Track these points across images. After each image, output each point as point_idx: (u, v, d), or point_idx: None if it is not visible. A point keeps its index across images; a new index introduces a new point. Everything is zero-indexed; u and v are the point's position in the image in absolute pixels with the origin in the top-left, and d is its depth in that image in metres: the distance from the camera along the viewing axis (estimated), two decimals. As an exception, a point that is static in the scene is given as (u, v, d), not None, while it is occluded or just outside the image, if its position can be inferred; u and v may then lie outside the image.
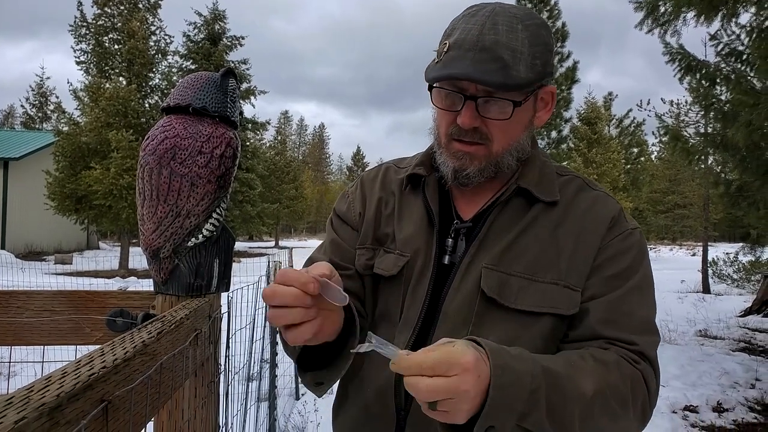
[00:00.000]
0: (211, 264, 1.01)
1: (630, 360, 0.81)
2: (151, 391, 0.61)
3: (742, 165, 6.15)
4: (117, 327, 0.97)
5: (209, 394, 0.98)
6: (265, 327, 4.10)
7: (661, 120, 7.66)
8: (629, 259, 0.89)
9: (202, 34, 21.72)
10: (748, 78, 5.71)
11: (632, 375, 0.80)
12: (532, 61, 0.85)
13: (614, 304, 0.86)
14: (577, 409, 0.72)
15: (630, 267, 0.88)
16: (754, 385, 5.17)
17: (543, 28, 0.89)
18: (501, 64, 0.83)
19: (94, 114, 16.66)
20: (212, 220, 0.99)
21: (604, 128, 26.03)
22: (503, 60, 0.83)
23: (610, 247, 0.89)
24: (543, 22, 0.91)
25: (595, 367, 0.77)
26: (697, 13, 5.92)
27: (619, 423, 0.77)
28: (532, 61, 0.85)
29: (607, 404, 0.75)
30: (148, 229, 0.97)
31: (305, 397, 4.65)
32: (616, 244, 0.89)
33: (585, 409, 0.72)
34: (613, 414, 0.76)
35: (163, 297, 0.99)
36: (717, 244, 29.81)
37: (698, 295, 12.62)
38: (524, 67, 0.84)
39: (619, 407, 0.76)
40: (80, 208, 17.12)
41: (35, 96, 39.13)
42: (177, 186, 0.94)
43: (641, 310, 0.87)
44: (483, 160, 0.89)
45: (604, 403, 0.75)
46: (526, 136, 0.93)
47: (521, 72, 0.84)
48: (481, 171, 0.90)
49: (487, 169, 0.90)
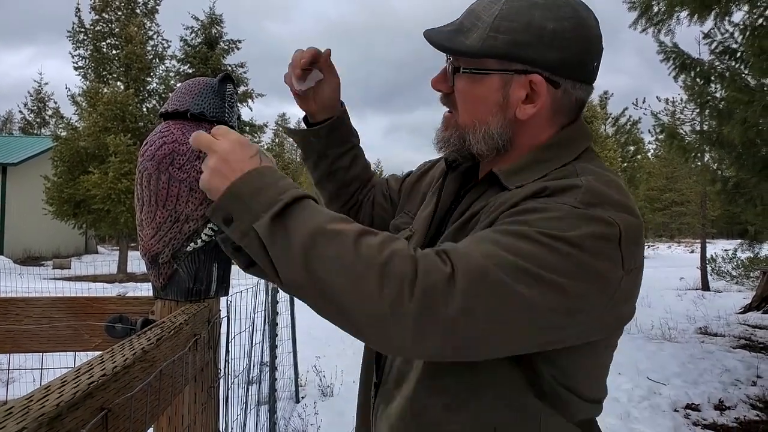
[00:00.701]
0: (210, 269, 1.01)
1: (415, 249, 0.70)
2: (151, 397, 0.61)
3: (739, 162, 6.16)
4: (116, 333, 0.97)
5: (209, 399, 0.98)
6: (265, 330, 4.10)
7: (657, 118, 7.67)
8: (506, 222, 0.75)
9: (199, 39, 21.68)
10: (742, 75, 5.73)
11: (399, 249, 0.67)
12: (490, 32, 0.79)
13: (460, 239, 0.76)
14: (306, 233, 0.68)
15: (497, 228, 0.74)
16: (756, 382, 5.17)
17: (539, 8, 0.79)
18: (455, 28, 0.84)
19: (92, 119, 16.64)
20: (211, 225, 0.99)
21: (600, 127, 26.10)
22: (462, 25, 0.83)
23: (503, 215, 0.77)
24: (550, 3, 0.79)
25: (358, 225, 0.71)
26: (690, 12, 5.94)
27: (354, 279, 0.66)
28: (489, 32, 0.79)
29: (344, 247, 0.67)
30: (147, 234, 0.97)
31: (305, 400, 4.65)
32: (508, 212, 0.76)
33: (315, 237, 0.68)
34: (345, 262, 0.66)
35: (163, 302, 0.99)
36: (715, 240, 29.86)
37: (697, 292, 12.64)
38: (476, 36, 0.81)
39: (358, 259, 0.66)
40: (78, 213, 17.10)
41: (33, 101, 39.03)
42: (176, 191, 0.94)
43: (479, 249, 0.69)
44: (451, 129, 0.90)
45: (342, 243, 0.67)
46: (499, 125, 0.84)
47: (469, 39, 0.81)
48: (447, 140, 0.91)
49: (453, 139, 0.90)
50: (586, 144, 0.87)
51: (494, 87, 0.83)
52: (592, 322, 0.73)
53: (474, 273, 0.65)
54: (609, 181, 0.77)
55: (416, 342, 0.65)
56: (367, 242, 0.68)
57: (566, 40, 0.78)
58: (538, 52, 0.79)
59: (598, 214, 0.71)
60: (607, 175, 0.79)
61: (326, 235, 0.68)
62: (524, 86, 0.81)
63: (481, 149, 0.86)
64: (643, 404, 4.60)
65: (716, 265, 14.07)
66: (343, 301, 0.66)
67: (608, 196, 0.74)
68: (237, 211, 0.73)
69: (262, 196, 0.72)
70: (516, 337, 0.68)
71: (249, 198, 0.72)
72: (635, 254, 0.73)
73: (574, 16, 0.79)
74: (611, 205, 0.73)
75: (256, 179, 0.74)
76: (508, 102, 0.83)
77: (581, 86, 0.84)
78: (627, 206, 0.74)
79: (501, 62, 0.81)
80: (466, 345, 0.66)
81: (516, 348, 0.71)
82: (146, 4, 19.15)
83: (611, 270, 0.70)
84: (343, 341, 6.73)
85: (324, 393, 4.77)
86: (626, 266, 0.71)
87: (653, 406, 4.57)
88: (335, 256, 0.67)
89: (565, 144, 0.85)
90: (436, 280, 0.64)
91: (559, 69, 0.80)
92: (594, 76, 0.86)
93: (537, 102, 0.82)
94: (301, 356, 5.35)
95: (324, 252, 0.67)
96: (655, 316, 8.77)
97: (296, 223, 0.70)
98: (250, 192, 0.73)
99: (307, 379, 5.14)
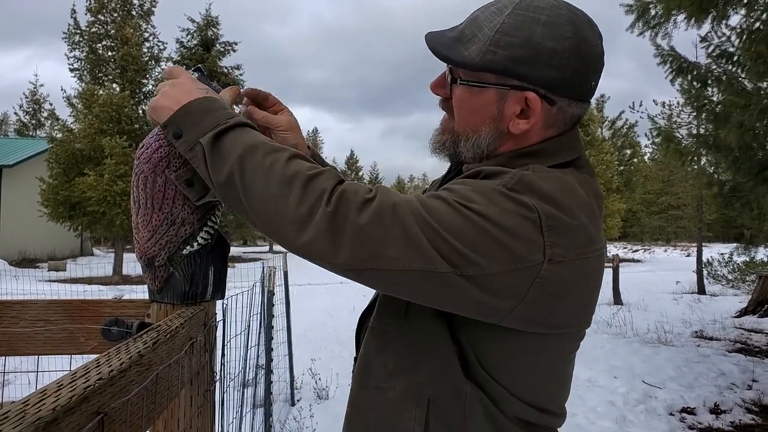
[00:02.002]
0: (206, 272, 1.00)
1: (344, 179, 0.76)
2: (147, 401, 0.61)
3: (735, 166, 6.19)
4: (112, 336, 0.97)
5: (204, 402, 0.98)
6: (260, 333, 4.09)
7: (654, 121, 7.69)
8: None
9: (195, 41, 21.70)
10: (739, 79, 5.75)
11: (329, 170, 0.75)
12: (490, 46, 0.79)
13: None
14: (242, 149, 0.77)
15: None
16: (751, 386, 5.19)
17: (541, 25, 0.78)
18: (456, 36, 0.84)
19: (88, 120, 16.64)
20: (207, 228, 0.99)
21: (596, 130, 26.18)
22: (463, 34, 0.83)
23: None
24: (552, 21, 0.78)
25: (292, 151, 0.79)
26: (688, 16, 5.96)
27: (280, 185, 0.73)
28: (489, 46, 0.79)
29: (278, 161, 0.75)
30: (143, 237, 0.97)
31: (301, 403, 4.64)
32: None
33: (255, 147, 0.77)
34: (275, 170, 0.74)
35: (158, 305, 0.98)
36: (711, 244, 29.98)
37: (693, 296, 12.67)
38: (475, 49, 0.81)
39: (287, 169, 0.74)
40: (74, 215, 17.07)
41: (29, 103, 39.02)
42: (172, 194, 0.94)
43: (404, 196, 0.76)
44: (447, 133, 0.92)
45: (277, 158, 0.75)
46: (490, 136, 0.85)
47: (468, 51, 0.81)
48: (442, 144, 0.92)
49: (447, 143, 0.91)
50: (568, 157, 0.85)
51: (490, 100, 0.83)
52: (494, 300, 0.72)
53: (388, 204, 0.71)
54: (551, 178, 0.77)
55: (330, 246, 0.71)
56: (299, 161, 0.76)
57: (565, 60, 0.78)
58: (535, 69, 0.78)
59: (517, 196, 0.73)
60: (561, 178, 0.78)
61: (264, 148, 0.77)
62: (519, 102, 0.82)
63: (467, 156, 0.89)
64: (639, 408, 4.61)
65: (712, 269, 14.14)
66: (268, 206, 0.74)
67: (536, 186, 0.74)
68: (187, 126, 0.82)
69: (211, 116, 0.82)
70: (410, 275, 0.71)
71: (199, 116, 0.82)
72: (565, 249, 0.72)
73: (574, 36, 0.78)
74: (536, 194, 0.73)
75: (208, 103, 0.84)
76: (502, 115, 0.83)
77: (577, 104, 0.84)
78: (556, 201, 0.73)
79: (498, 77, 0.81)
80: (372, 256, 0.70)
81: (410, 286, 0.73)
82: (142, 6, 19.15)
83: (524, 249, 0.70)
84: (338, 344, 6.72)
85: (319, 396, 4.77)
86: (549, 254, 0.71)
87: (649, 409, 4.58)
88: (269, 165, 0.75)
89: (540, 154, 0.84)
90: (355, 196, 0.72)
91: (556, 87, 0.80)
92: (591, 94, 0.86)
93: (531, 118, 0.82)
94: (297, 359, 5.35)
95: (258, 160, 0.75)
96: (651, 319, 8.80)
97: (238, 137, 0.79)
98: (201, 111, 0.83)
99: (303, 381, 5.13)
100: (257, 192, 0.75)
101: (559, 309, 0.76)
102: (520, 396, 0.82)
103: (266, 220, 0.75)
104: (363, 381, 0.91)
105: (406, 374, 0.84)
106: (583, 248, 0.75)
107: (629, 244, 41.34)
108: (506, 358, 0.81)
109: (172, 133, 0.83)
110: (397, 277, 0.71)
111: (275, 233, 0.75)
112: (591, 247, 0.76)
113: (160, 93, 0.87)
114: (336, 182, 0.74)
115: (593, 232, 0.77)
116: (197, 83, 0.91)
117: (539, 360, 0.83)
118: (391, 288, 0.75)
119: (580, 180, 0.81)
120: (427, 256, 0.69)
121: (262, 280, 4.26)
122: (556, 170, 0.80)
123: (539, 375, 0.83)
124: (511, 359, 0.81)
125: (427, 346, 0.83)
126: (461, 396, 0.80)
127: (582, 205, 0.77)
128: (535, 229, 0.71)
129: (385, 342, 0.88)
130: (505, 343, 0.79)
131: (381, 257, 0.70)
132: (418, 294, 0.74)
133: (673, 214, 30.56)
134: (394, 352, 0.87)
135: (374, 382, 0.88)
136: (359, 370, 0.92)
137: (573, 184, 0.78)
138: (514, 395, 0.81)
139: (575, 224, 0.74)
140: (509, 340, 0.79)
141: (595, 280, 0.81)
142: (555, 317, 0.77)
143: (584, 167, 0.87)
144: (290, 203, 0.72)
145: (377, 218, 0.70)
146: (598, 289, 0.84)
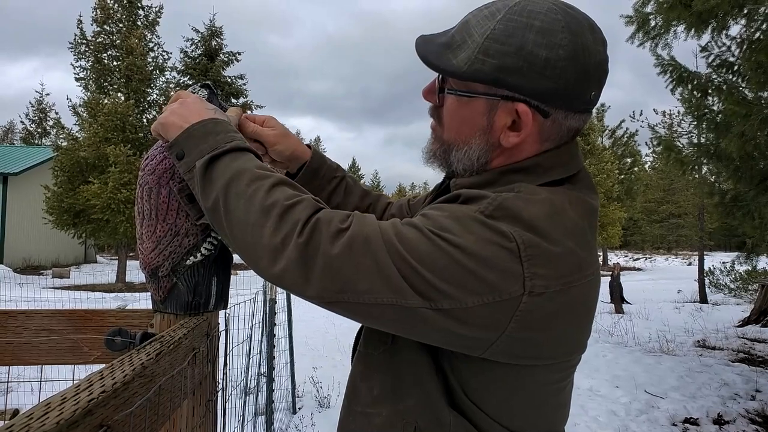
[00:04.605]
0: (210, 282, 1.01)
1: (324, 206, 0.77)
2: (150, 413, 0.62)
3: (736, 175, 6.18)
4: (115, 346, 0.97)
5: (207, 412, 0.98)
6: (262, 341, 4.09)
7: (654, 131, 7.69)
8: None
9: (199, 50, 21.83)
10: (739, 89, 5.76)
11: (309, 199, 0.76)
12: (479, 54, 0.75)
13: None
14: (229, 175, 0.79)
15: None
16: (755, 396, 5.15)
17: (534, 32, 0.73)
18: (446, 42, 0.80)
19: (93, 129, 16.73)
20: (210, 239, 1.00)
21: (597, 139, 26.19)
22: (453, 39, 0.79)
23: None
24: (547, 27, 0.73)
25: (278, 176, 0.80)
26: (687, 26, 5.99)
27: (259, 214, 0.74)
28: (477, 54, 0.75)
29: (260, 189, 0.76)
30: (147, 248, 0.98)
31: (302, 411, 4.62)
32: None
33: (240, 174, 0.78)
34: (256, 199, 0.75)
35: (162, 315, 0.99)
36: (713, 253, 29.85)
37: (695, 305, 12.63)
38: (464, 56, 0.76)
39: (267, 198, 0.75)
40: (78, 222, 17.14)
41: (35, 112, 39.16)
42: (176, 205, 0.95)
43: (381, 223, 0.73)
44: (436, 141, 0.88)
45: (260, 186, 0.76)
46: (481, 148, 0.81)
47: (457, 59, 0.77)
48: (434, 153, 0.88)
49: (438, 153, 0.87)
50: (563, 174, 0.80)
51: (479, 110, 0.79)
52: (473, 334, 0.69)
53: (361, 235, 0.70)
54: (537, 201, 0.72)
55: (302, 278, 0.70)
56: (282, 189, 0.77)
57: (559, 70, 0.72)
58: (527, 80, 0.73)
59: (494, 224, 0.68)
60: (548, 201, 0.73)
61: (249, 176, 0.78)
62: (510, 113, 0.77)
63: (458, 168, 0.84)
64: (641, 418, 4.58)
65: (714, 278, 14.07)
66: (246, 234, 0.74)
67: (516, 211, 0.70)
68: (188, 149, 0.84)
69: (211, 139, 0.83)
70: (381, 308, 0.69)
71: (200, 139, 0.84)
72: (548, 279, 0.67)
73: (571, 43, 0.73)
74: (516, 220, 0.69)
75: (211, 125, 0.86)
76: (492, 127, 0.79)
77: (575, 116, 0.78)
78: (538, 228, 0.69)
79: (487, 87, 0.76)
80: (343, 289, 0.69)
81: (384, 319, 0.70)
82: (147, 17, 19.29)
83: (500, 280, 0.66)
84: (340, 352, 6.70)
85: (321, 404, 4.76)
86: (529, 286, 0.66)
87: (651, 419, 4.55)
88: (251, 193, 0.76)
89: (532, 170, 0.79)
90: (328, 226, 0.71)
91: (550, 99, 0.75)
92: (592, 105, 0.79)
93: (522, 131, 0.77)
94: (298, 367, 5.34)
95: (242, 188, 0.77)
96: (653, 329, 8.76)
97: (229, 163, 0.80)
98: (202, 134, 0.84)
99: (304, 390, 5.12)
100: (238, 219, 0.75)
101: (544, 341, 0.72)
102: (509, 426, 0.78)
103: (243, 248, 0.75)
104: (349, 406, 0.89)
105: (392, 401, 0.82)
106: (570, 276, 0.70)
107: (630, 252, 41.23)
108: (492, 389, 0.76)
109: (175, 155, 0.86)
110: (369, 311, 0.69)
111: (251, 261, 0.75)
112: (580, 274, 0.71)
113: (169, 110, 0.89)
114: (312, 212, 0.73)
115: (583, 257, 0.72)
116: (205, 103, 0.93)
117: (526, 391, 0.78)
118: (366, 320, 0.73)
119: (573, 200, 0.76)
120: (397, 289, 0.67)
121: (264, 288, 4.26)
122: (545, 189, 0.75)
123: (527, 405, 0.79)
124: (497, 390, 0.77)
125: (411, 374, 0.80)
126: (446, 425, 0.77)
127: (570, 230, 0.71)
128: (512, 258, 0.66)
129: (370, 368, 0.87)
130: (490, 374, 0.75)
131: (352, 290, 0.68)
132: (393, 327, 0.72)
133: (674, 223, 30.49)
134: (380, 379, 0.84)
135: (360, 407, 0.86)
136: (347, 394, 0.92)
137: (562, 206, 0.73)
138: (502, 425, 0.77)
139: (559, 252, 0.69)
140: (494, 371, 0.75)
141: (587, 307, 0.76)
142: (539, 350, 0.73)
143: (580, 183, 0.81)
144: (266, 232, 0.72)
145: (348, 250, 0.68)
146: (591, 315, 0.79)
